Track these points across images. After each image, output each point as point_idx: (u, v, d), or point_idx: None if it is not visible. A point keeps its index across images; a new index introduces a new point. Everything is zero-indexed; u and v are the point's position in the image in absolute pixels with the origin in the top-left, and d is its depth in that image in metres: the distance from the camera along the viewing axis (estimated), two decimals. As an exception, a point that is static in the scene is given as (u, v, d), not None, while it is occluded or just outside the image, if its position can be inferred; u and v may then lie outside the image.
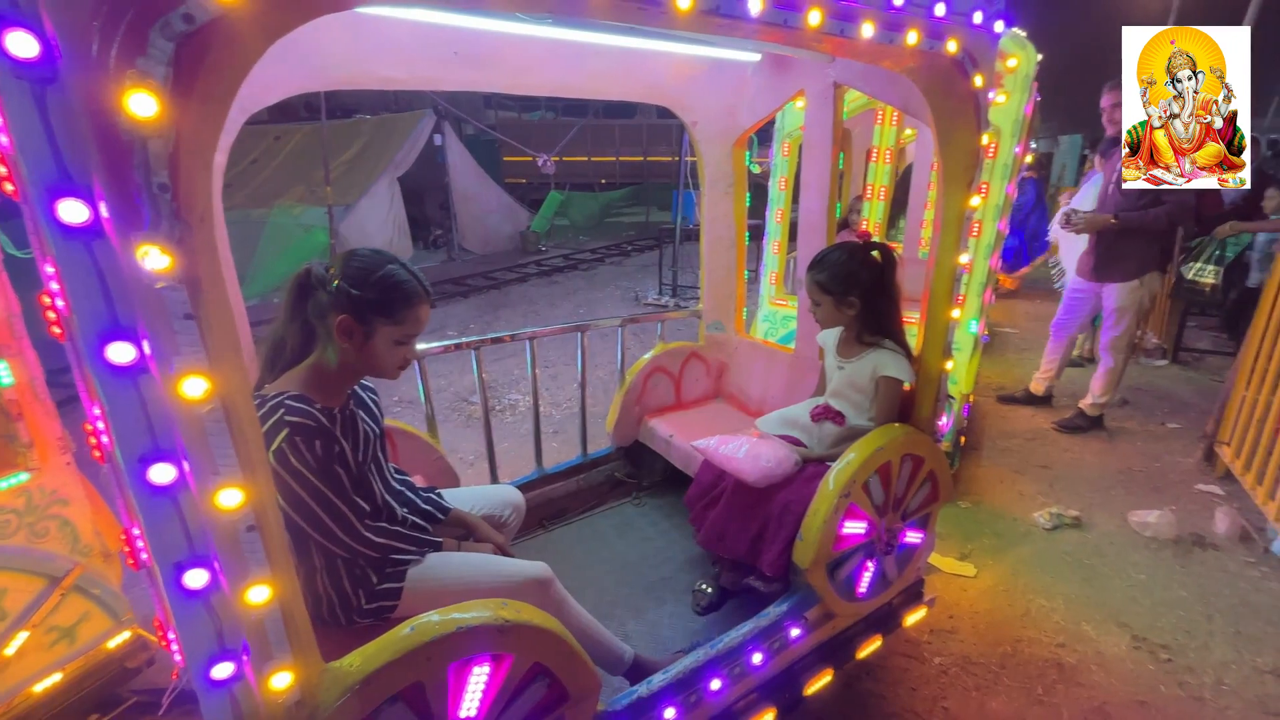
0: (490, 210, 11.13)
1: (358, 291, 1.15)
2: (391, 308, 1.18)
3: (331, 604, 1.26)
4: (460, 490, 1.69)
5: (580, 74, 1.78)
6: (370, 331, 1.18)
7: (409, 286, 1.19)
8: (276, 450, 1.10)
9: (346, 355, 1.19)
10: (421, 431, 1.87)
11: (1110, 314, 3.36)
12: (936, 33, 1.23)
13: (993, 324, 6.00)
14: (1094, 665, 2.00)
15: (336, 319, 1.15)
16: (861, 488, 1.56)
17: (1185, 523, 2.72)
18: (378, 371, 1.25)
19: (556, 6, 0.81)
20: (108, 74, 0.56)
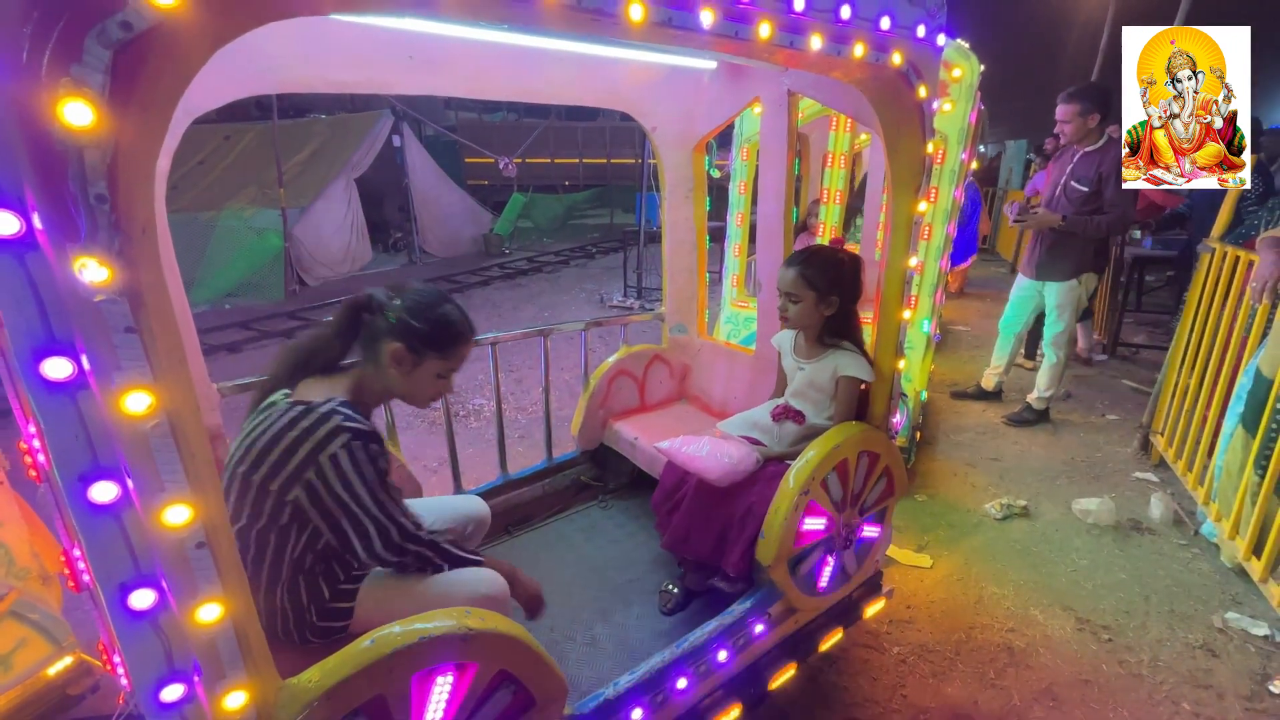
0: (452, 213, 10.96)
1: (416, 324, 1.23)
2: (444, 344, 1.27)
3: (286, 620, 1.23)
4: (422, 501, 1.67)
5: (538, 79, 1.78)
6: (420, 362, 1.25)
7: (461, 326, 1.30)
8: (331, 455, 1.11)
9: (390, 379, 1.26)
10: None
11: (1052, 310, 3.54)
12: (882, 45, 1.28)
13: (946, 322, 6.22)
14: (1042, 648, 2.10)
15: (391, 346, 1.22)
16: (820, 485, 1.60)
17: (1124, 509, 2.87)
18: (413, 399, 1.31)
19: (510, 15, 0.81)
20: (39, 82, 0.54)
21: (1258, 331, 2.40)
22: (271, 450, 1.12)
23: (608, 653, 1.72)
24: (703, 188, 2.29)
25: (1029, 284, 3.65)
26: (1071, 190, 3.29)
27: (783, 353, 1.87)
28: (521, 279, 8.93)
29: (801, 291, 1.70)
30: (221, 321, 6.25)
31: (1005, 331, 3.94)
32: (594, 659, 1.69)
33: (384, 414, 1.96)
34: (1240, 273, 2.56)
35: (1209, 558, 2.53)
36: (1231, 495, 2.41)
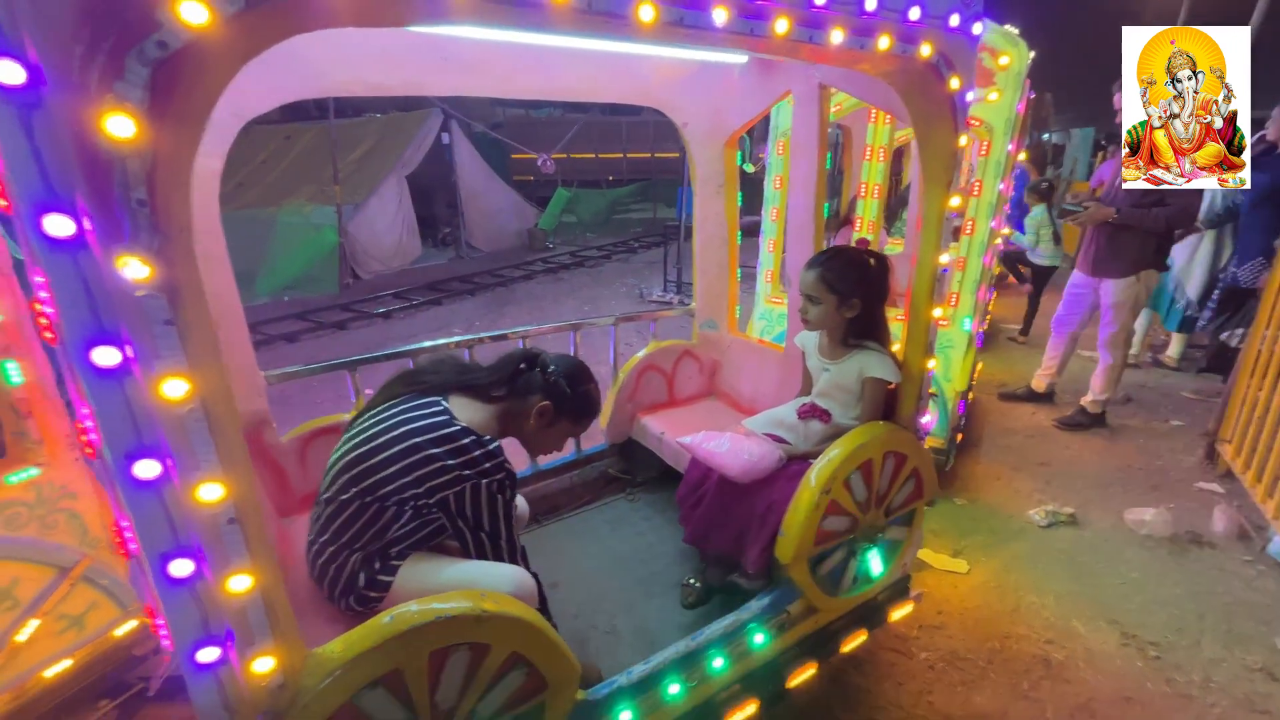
0: (498, 208, 11.19)
1: (568, 390, 1.43)
2: (582, 414, 1.49)
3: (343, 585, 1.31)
4: None
5: (568, 78, 1.81)
6: (557, 422, 1.45)
7: (598, 403, 1.52)
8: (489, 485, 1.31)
9: (527, 426, 1.43)
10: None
11: (1107, 310, 3.36)
12: (909, 37, 1.25)
13: (998, 320, 5.97)
14: (1081, 662, 2.01)
15: (541, 402, 1.41)
16: (843, 484, 1.58)
17: (1182, 521, 2.71)
18: (534, 448, 1.53)
19: (522, 19, 0.84)
20: (88, 98, 0.60)
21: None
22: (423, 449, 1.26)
23: (627, 642, 1.75)
24: (734, 183, 2.28)
25: (1084, 280, 3.47)
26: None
27: (807, 353, 1.85)
28: (563, 273, 9.05)
29: (822, 294, 1.68)
30: (280, 313, 6.59)
31: (1058, 331, 3.76)
32: (613, 648, 1.73)
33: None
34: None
35: (1275, 576, 2.37)
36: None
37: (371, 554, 1.31)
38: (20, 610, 1.52)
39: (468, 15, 0.81)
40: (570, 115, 16.68)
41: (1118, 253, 3.21)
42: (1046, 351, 3.91)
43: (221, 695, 0.85)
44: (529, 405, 1.42)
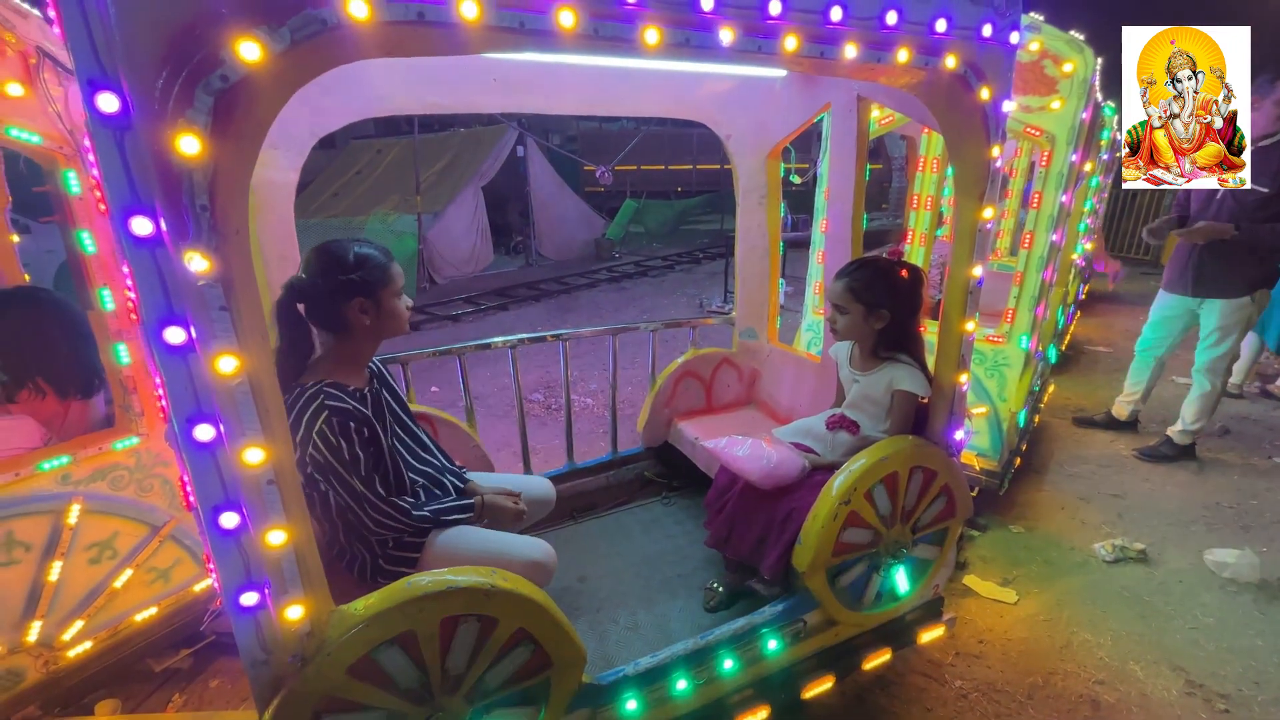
0: (568, 218, 11.56)
1: (355, 275, 1.34)
2: (383, 273, 1.38)
3: (361, 561, 1.45)
4: (491, 476, 1.85)
5: (612, 94, 1.90)
6: (379, 300, 1.38)
7: (377, 251, 1.39)
8: (319, 431, 1.28)
9: (365, 331, 1.39)
10: (460, 421, 2.05)
11: (1213, 332, 3.08)
12: (932, 49, 1.25)
13: (1082, 341, 5.59)
14: (1135, 707, 1.87)
15: (348, 305, 1.34)
16: (864, 496, 1.57)
17: (1274, 566, 2.45)
18: (397, 328, 1.44)
19: (534, 44, 0.93)
20: (165, 122, 0.73)
21: None
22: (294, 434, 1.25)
23: (646, 638, 1.79)
24: (777, 194, 2.30)
25: (1178, 301, 3.20)
26: (1244, 193, 2.80)
27: (840, 363, 1.85)
28: (626, 282, 9.22)
29: (849, 303, 1.68)
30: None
31: (1144, 355, 3.48)
32: (632, 642, 1.78)
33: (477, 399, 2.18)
34: None
35: (1383, 635, 2.11)
36: None
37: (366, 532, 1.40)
38: (118, 560, 1.76)
39: (483, 45, 0.90)
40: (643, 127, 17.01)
41: (1230, 270, 2.94)
42: (1129, 376, 3.63)
43: (259, 636, 0.98)
44: (348, 318, 1.35)
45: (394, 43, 0.87)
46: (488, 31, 0.88)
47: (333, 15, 0.77)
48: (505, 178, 10.43)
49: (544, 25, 0.89)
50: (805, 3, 1.09)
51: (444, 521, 1.51)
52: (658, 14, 0.97)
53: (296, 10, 0.76)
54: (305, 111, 1.61)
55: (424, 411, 1.94)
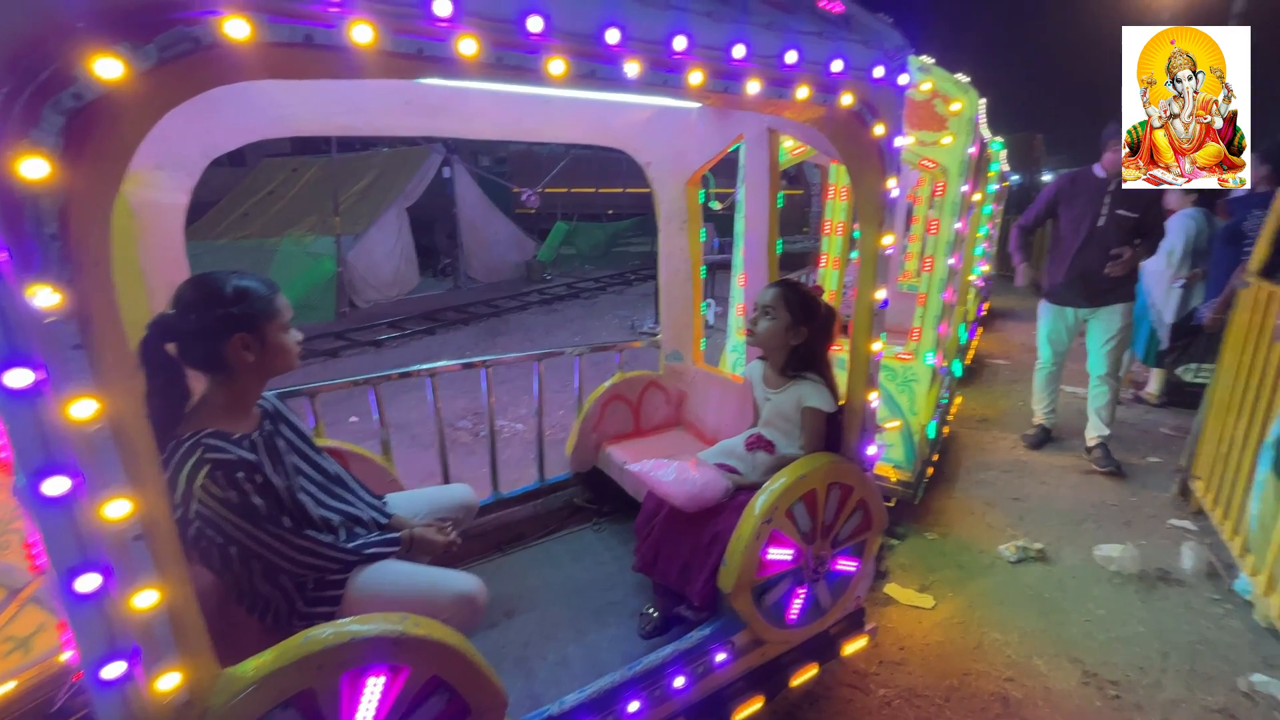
0: (497, 240, 11.41)
1: (235, 309, 1.23)
2: (267, 305, 1.28)
3: (276, 607, 1.34)
4: (408, 493, 1.77)
5: (531, 120, 1.90)
6: (264, 335, 1.27)
7: (259, 283, 1.29)
8: (202, 486, 1.16)
9: (249, 370, 1.28)
10: (374, 454, 1.95)
11: (1112, 337, 3.41)
12: (830, 87, 1.32)
13: (982, 354, 6.01)
14: (1040, 700, 1.99)
15: (228, 342, 1.23)
16: (785, 514, 1.60)
17: (1152, 558, 2.70)
18: (285, 365, 1.34)
19: (434, 71, 0.91)
20: (4, 142, 0.66)
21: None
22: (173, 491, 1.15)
23: (575, 672, 1.74)
24: (697, 220, 2.35)
25: (1070, 313, 3.51)
26: (1122, 218, 3.24)
27: (754, 384, 1.90)
28: (558, 304, 9.17)
29: (778, 310, 1.75)
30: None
31: (1046, 370, 3.75)
32: (561, 677, 1.72)
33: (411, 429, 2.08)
34: (1272, 310, 2.42)
35: (1241, 615, 2.35)
36: (1265, 548, 2.24)
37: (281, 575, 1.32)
38: (-33, 631, 1.54)
39: (380, 71, 0.88)
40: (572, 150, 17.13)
41: (1119, 280, 3.29)
42: (1040, 392, 3.85)
43: (126, 711, 0.87)
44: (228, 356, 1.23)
45: (280, 65, 0.83)
46: (384, 57, 0.85)
47: (207, 34, 0.73)
48: (431, 199, 10.20)
49: (444, 53, 0.88)
50: (710, 39, 1.13)
51: (368, 556, 1.42)
52: (563, 45, 0.98)
53: (165, 27, 0.71)
54: (196, 130, 1.51)
55: (334, 446, 1.83)
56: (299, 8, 0.78)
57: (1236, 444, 2.64)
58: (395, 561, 1.47)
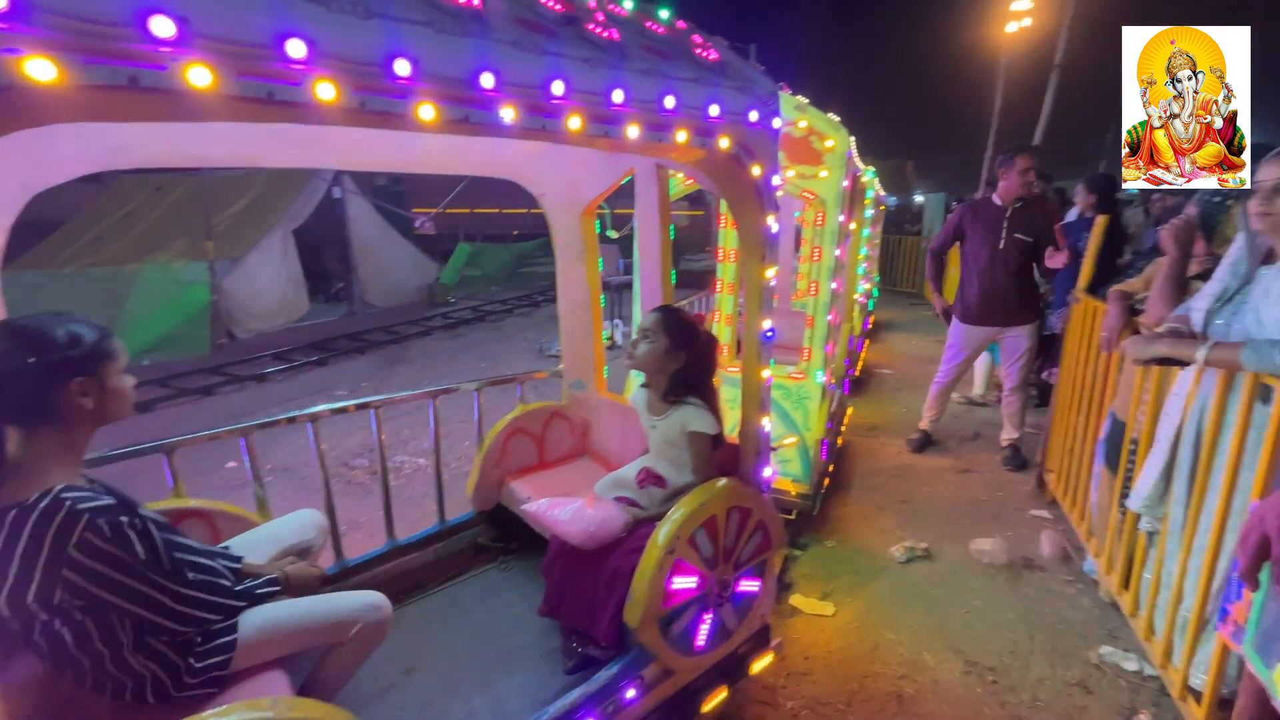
0: (395, 262, 10.92)
1: (72, 352, 1.14)
2: (106, 347, 1.20)
3: (156, 679, 1.21)
4: (253, 532, 1.64)
5: (413, 152, 1.83)
6: (103, 379, 1.19)
7: (95, 328, 1.21)
8: (78, 546, 1.06)
9: (84, 417, 1.18)
10: (248, 511, 1.77)
11: (1024, 352, 3.76)
12: (707, 131, 1.38)
13: (870, 365, 6.47)
14: (930, 694, 2.13)
15: (64, 388, 1.13)
16: (688, 543, 1.63)
17: (1017, 547, 2.99)
18: (121, 411, 1.25)
19: (288, 115, 0.86)
20: None
21: (1114, 378, 2.60)
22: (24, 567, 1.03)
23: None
24: (594, 250, 2.37)
25: (983, 331, 3.84)
26: (1019, 240, 3.60)
27: (640, 412, 1.93)
28: (463, 328, 8.89)
29: (658, 334, 1.78)
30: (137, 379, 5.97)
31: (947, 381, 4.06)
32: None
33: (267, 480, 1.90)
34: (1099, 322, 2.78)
35: (1090, 593, 2.65)
36: (1105, 532, 2.55)
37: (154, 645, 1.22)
38: None
39: (225, 114, 0.81)
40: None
41: (1027, 300, 3.66)
42: (935, 397, 4.17)
43: None
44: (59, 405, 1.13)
45: (103, 108, 0.75)
46: (228, 101, 0.79)
47: (2, 76, 0.64)
48: (321, 221, 9.60)
49: (298, 97, 0.83)
50: (588, 84, 1.15)
51: (257, 598, 1.37)
52: (434, 90, 0.96)
53: (-54, 67, 0.62)
54: (16, 164, 1.32)
55: (197, 507, 1.65)
56: (121, 47, 0.71)
57: (1078, 440, 3.00)
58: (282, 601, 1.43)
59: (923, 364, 6.58)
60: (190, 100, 0.76)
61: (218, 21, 0.75)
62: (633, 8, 1.34)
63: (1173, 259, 2.14)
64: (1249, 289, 1.76)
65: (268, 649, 1.35)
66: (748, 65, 1.56)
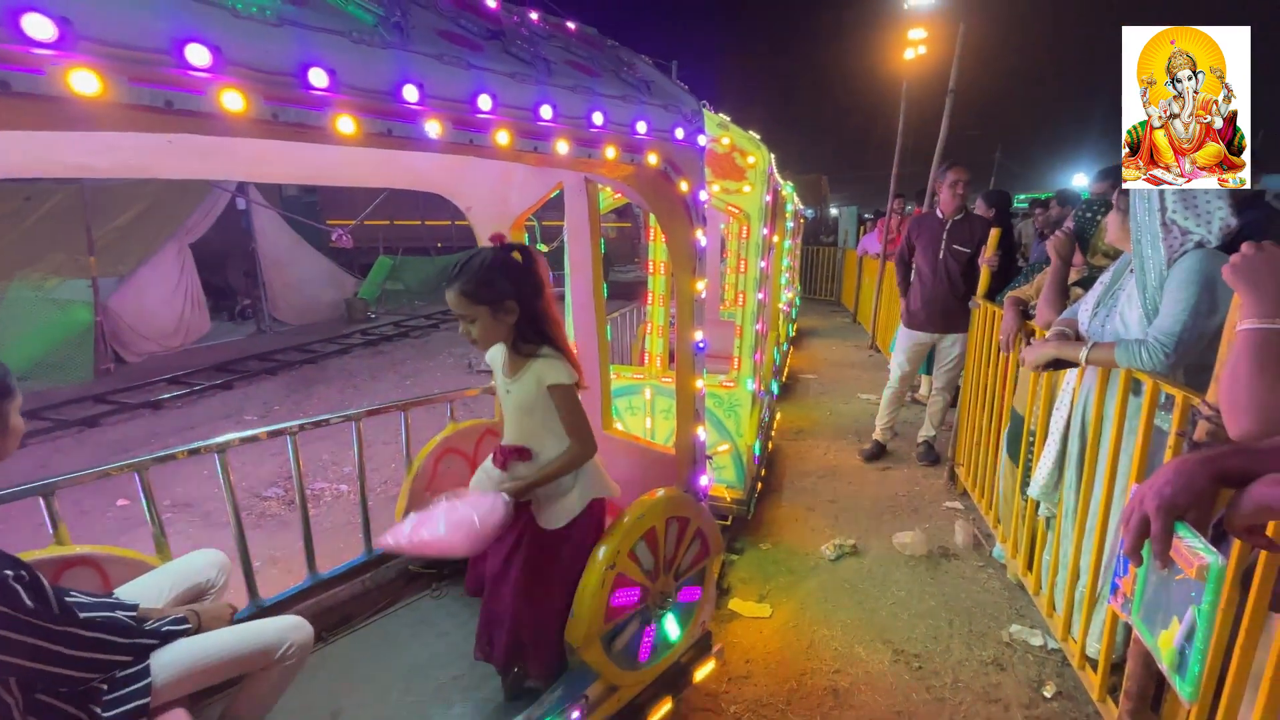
0: (308, 277, 10.32)
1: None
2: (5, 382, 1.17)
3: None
4: (140, 580, 1.52)
5: (331, 163, 1.75)
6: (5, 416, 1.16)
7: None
8: None
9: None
10: (144, 554, 1.61)
11: (957, 357, 3.96)
12: (636, 148, 1.40)
13: (795, 371, 6.73)
14: (863, 685, 2.23)
15: None
16: (629, 556, 1.63)
17: (935, 538, 3.19)
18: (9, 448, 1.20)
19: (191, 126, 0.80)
20: None
21: (1013, 376, 2.84)
22: None
23: (419, 766, 1.58)
24: (524, 263, 2.34)
25: (927, 337, 4.05)
26: (959, 252, 3.84)
27: (495, 376, 1.71)
28: (385, 345, 8.51)
29: (470, 309, 1.51)
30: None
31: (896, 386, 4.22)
32: (400, 777, 1.55)
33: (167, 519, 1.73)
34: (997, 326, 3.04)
35: (1000, 576, 2.86)
36: (1009, 518, 2.77)
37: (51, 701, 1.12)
38: None
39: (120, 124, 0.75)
40: (393, 181, 16.16)
41: (961, 309, 3.85)
42: (885, 407, 4.31)
43: None
44: None
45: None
46: (120, 110, 0.72)
47: None
48: (223, 234, 8.95)
49: (202, 106, 0.77)
50: (516, 99, 1.14)
51: (165, 635, 1.31)
52: (354, 102, 0.92)
53: None
54: None
55: (83, 553, 1.48)
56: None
57: (983, 434, 3.24)
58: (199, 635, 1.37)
59: (844, 369, 6.92)
60: (75, 108, 0.70)
61: (105, 23, 0.69)
62: (560, 25, 1.34)
63: (1055, 268, 2.38)
64: (1118, 293, 1.98)
65: (188, 684, 1.28)
66: (673, 84, 1.60)
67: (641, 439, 2.16)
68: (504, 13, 1.19)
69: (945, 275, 3.90)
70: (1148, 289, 1.77)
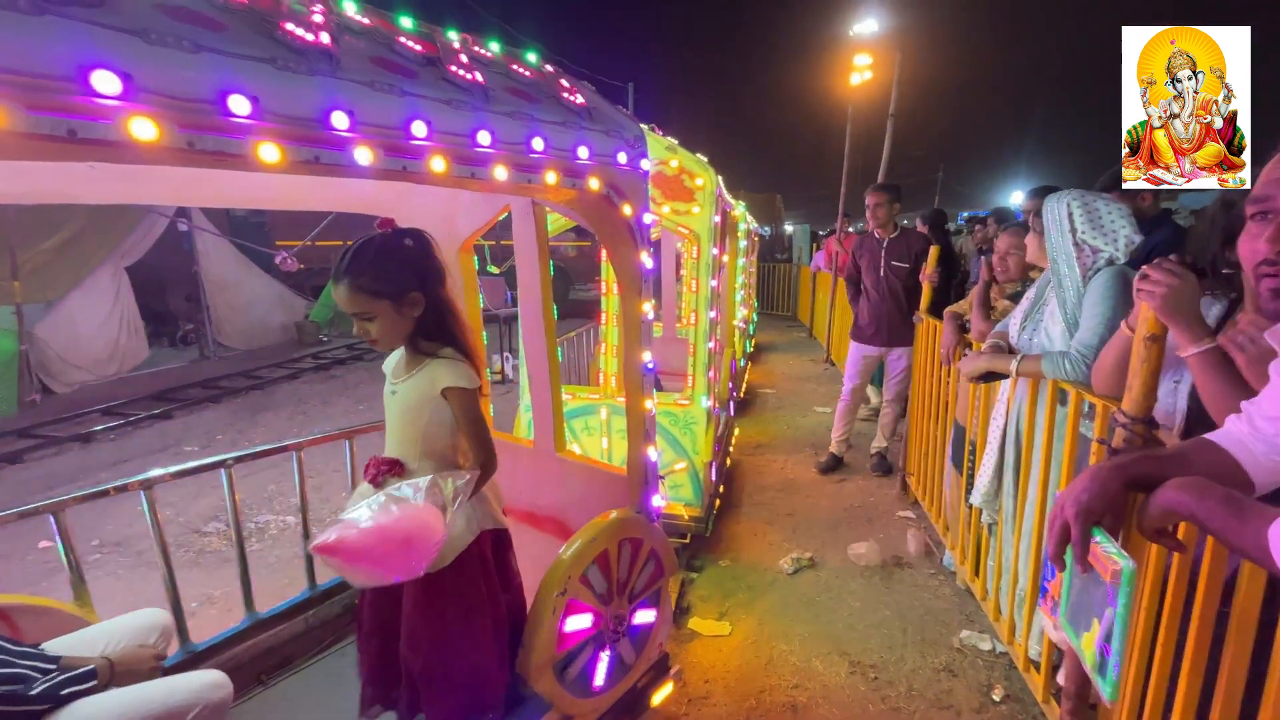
0: (255, 299, 9.95)
1: None
2: None
3: None
4: (77, 634, 1.42)
5: (265, 186, 1.71)
6: None
7: None
8: None
9: None
10: (61, 602, 1.51)
11: (905, 370, 4.05)
12: (577, 172, 1.42)
13: (753, 386, 6.83)
14: (821, 700, 2.24)
15: None
16: (580, 581, 1.61)
17: (888, 547, 3.26)
18: None
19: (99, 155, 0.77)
20: None
21: (954, 387, 2.95)
22: None
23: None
24: (473, 286, 2.31)
25: (875, 351, 4.17)
26: (899, 267, 3.97)
27: (386, 380, 1.51)
28: (337, 369, 8.26)
29: (368, 305, 1.33)
30: (-90, 450, 4.92)
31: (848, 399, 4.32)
32: (343, 826, 1.47)
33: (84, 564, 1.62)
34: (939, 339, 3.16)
35: (950, 584, 2.94)
36: (957, 526, 2.85)
37: None
38: None
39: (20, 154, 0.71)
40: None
41: (906, 324, 3.95)
42: (840, 419, 4.39)
43: None
44: None
45: None
46: (18, 139, 0.69)
47: None
48: (162, 257, 8.56)
49: (109, 135, 0.75)
50: (452, 126, 1.14)
51: (64, 698, 1.19)
52: (278, 129, 0.90)
53: None
54: None
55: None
56: None
57: (931, 444, 3.34)
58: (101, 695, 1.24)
59: (801, 383, 7.05)
60: (-36, 137, 0.66)
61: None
62: (499, 50, 1.35)
63: (983, 282, 2.50)
64: (1042, 308, 2.09)
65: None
66: (615, 109, 1.62)
67: (594, 460, 2.15)
68: (440, 39, 1.20)
69: (888, 291, 4.04)
70: (1067, 304, 1.88)
